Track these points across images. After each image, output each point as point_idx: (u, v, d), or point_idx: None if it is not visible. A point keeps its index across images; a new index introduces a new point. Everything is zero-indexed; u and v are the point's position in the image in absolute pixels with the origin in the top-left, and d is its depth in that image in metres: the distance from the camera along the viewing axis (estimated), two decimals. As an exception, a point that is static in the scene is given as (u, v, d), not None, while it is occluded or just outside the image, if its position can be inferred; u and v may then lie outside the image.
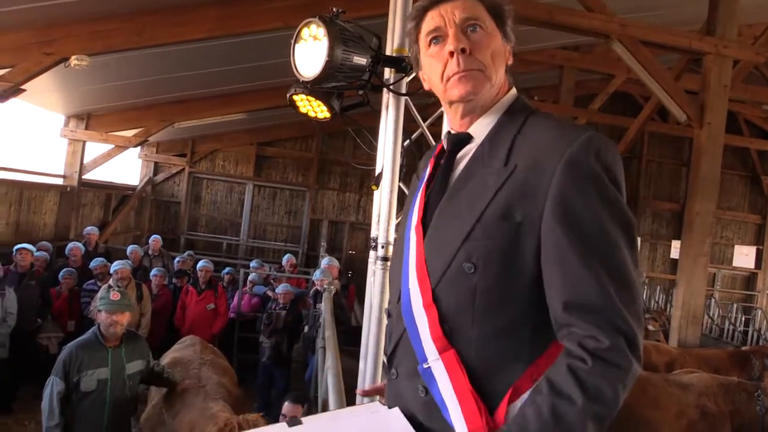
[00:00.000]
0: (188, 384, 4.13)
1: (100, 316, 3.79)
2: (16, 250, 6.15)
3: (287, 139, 14.11)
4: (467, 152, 1.26)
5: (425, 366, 1.18)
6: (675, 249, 11.89)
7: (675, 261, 9.14)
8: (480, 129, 1.25)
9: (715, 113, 6.67)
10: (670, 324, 7.03)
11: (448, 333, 1.16)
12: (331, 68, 2.01)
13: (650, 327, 7.21)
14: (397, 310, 1.28)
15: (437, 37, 1.23)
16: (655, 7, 8.92)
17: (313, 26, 2.06)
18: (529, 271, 1.10)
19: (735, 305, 11.82)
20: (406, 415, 1.23)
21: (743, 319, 11.69)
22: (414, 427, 1.19)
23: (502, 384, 1.11)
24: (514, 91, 1.28)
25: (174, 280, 7.73)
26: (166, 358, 4.79)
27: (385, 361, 1.51)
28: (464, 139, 1.27)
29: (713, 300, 12.32)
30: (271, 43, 6.64)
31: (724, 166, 14.84)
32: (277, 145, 14.14)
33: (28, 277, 6.10)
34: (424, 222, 1.26)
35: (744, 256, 9.37)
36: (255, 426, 3.25)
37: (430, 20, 1.24)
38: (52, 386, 3.59)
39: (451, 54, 1.20)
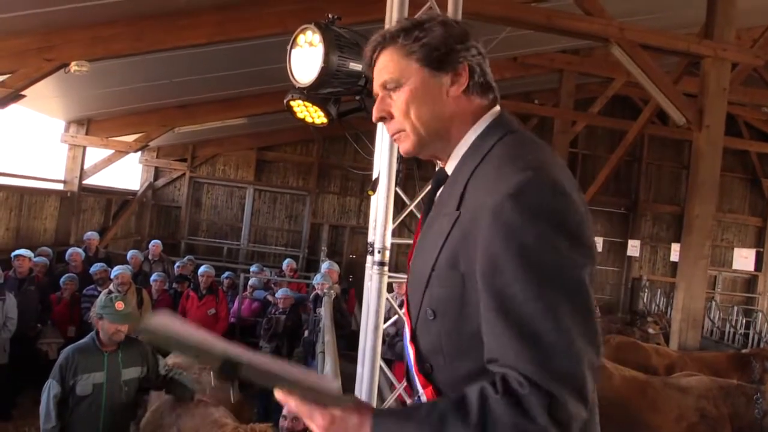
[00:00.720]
0: (203, 398, 4.07)
1: (103, 324, 3.75)
2: (14, 256, 6.16)
3: (288, 144, 14.13)
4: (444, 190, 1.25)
5: (417, 397, 1.21)
6: (675, 252, 11.87)
7: (675, 264, 9.13)
8: (451, 166, 1.22)
9: (714, 116, 6.68)
10: (671, 327, 7.02)
11: (428, 371, 1.16)
12: (326, 74, 2.02)
13: (651, 330, 7.22)
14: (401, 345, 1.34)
15: (376, 97, 1.24)
16: (654, 11, 8.94)
17: (308, 32, 2.07)
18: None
19: (736, 308, 11.81)
20: None
21: (744, 321, 11.67)
22: None
23: None
24: (486, 116, 1.19)
25: (174, 285, 7.73)
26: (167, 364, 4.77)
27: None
28: (443, 177, 1.26)
29: (714, 303, 12.31)
30: (272, 47, 6.66)
31: (724, 169, 14.85)
32: (277, 149, 14.16)
33: (27, 282, 6.11)
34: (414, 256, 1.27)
35: (744, 259, 9.36)
36: None
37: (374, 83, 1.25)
38: (49, 389, 3.59)
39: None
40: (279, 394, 1.01)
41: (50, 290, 6.57)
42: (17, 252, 6.20)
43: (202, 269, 7.25)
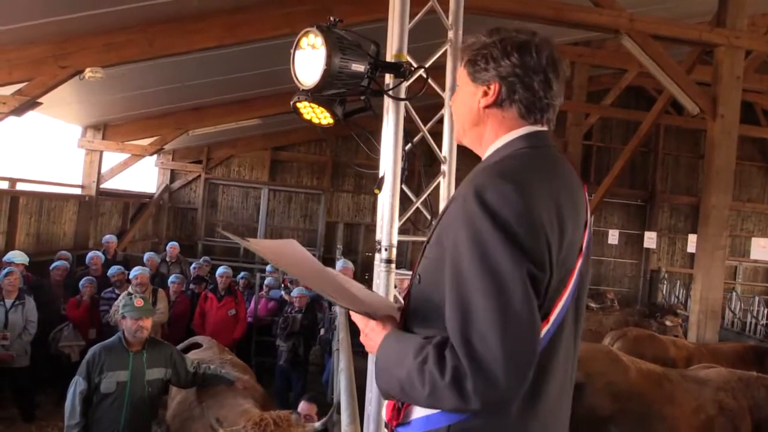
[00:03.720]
0: (243, 382, 4.15)
1: (126, 323, 3.89)
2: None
3: (301, 143, 14.21)
4: None
5: None
6: (692, 243, 11.74)
7: (694, 255, 9.03)
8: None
9: (728, 105, 6.60)
10: (689, 319, 6.96)
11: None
12: (329, 76, 2.05)
13: (668, 323, 7.15)
14: None
15: None
16: (664, 0, 8.84)
17: (311, 35, 2.10)
18: None
19: (757, 298, 11.65)
20: None
21: (766, 312, 11.51)
22: None
23: None
24: (520, 129, 1.33)
25: (192, 287, 7.82)
26: None
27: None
28: None
29: (734, 293, 12.16)
30: (281, 49, 6.69)
31: (742, 158, 14.68)
32: (291, 149, 14.25)
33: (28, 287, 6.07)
34: None
35: (762, 249, 9.20)
36: (288, 423, 3.29)
37: None
38: (76, 386, 3.72)
39: None
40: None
41: (70, 293, 6.69)
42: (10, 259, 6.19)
43: (220, 270, 7.31)
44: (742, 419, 4.67)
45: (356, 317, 1.40)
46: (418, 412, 1.27)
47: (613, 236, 14.58)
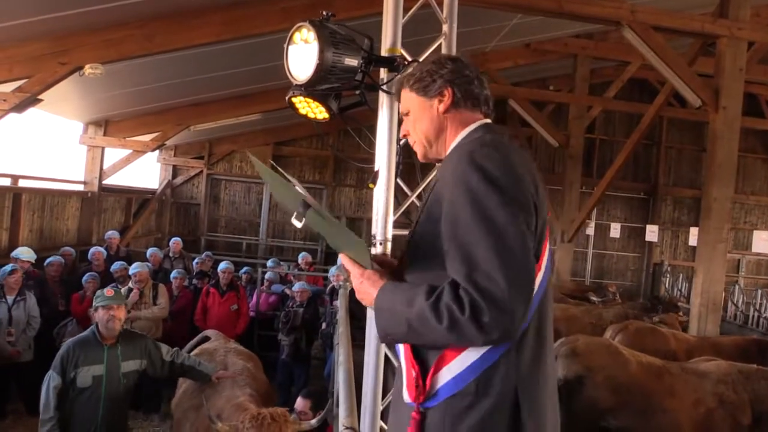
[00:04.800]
0: (222, 374, 4.17)
1: (98, 314, 3.90)
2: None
3: (303, 138, 14.21)
4: None
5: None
6: (693, 236, 11.72)
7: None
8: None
9: (730, 97, 6.57)
10: (690, 312, 6.95)
11: None
12: (322, 70, 2.05)
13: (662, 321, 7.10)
14: None
15: None
16: (667, -9, 8.78)
17: (304, 30, 2.10)
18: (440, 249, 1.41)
19: (760, 291, 11.61)
20: None
21: (769, 305, 11.46)
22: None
23: (431, 354, 1.41)
24: (474, 124, 1.57)
25: (194, 282, 7.85)
26: (193, 352, 4.86)
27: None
28: None
29: (737, 287, 12.12)
30: (282, 43, 6.68)
31: (745, 150, 14.62)
32: (293, 144, 14.25)
33: (25, 279, 6.10)
34: None
35: (763, 242, 9.17)
36: (284, 418, 3.30)
37: None
38: (49, 381, 3.73)
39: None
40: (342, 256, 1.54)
41: (73, 289, 6.72)
42: (18, 256, 6.25)
43: (222, 266, 7.32)
44: (743, 412, 4.67)
45: (352, 266, 1.51)
46: (444, 378, 1.38)
47: (615, 229, 14.54)
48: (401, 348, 1.49)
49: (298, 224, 1.46)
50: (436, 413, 1.39)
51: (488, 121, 1.60)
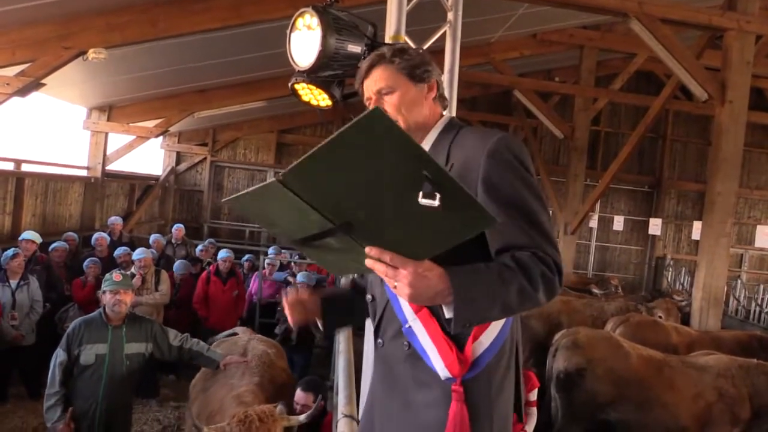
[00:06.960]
0: (229, 360, 4.20)
1: (105, 297, 4.02)
2: (21, 239, 6.28)
3: (307, 126, 14.16)
4: None
5: (407, 326, 1.52)
6: (696, 230, 11.68)
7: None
8: (425, 145, 1.63)
9: (737, 91, 6.51)
10: (691, 306, 6.94)
11: None
12: (324, 57, 2.03)
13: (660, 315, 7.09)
14: (380, 290, 1.64)
15: (369, 101, 1.66)
16: (675, -17, 8.69)
17: (307, 16, 2.08)
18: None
19: (762, 286, 11.59)
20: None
21: (771, 300, 11.45)
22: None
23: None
24: (446, 115, 1.71)
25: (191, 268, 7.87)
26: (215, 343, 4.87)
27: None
28: None
29: (740, 281, 12.10)
30: (286, 30, 6.66)
31: (751, 144, 14.53)
32: (297, 131, 14.21)
33: (32, 263, 6.18)
34: None
35: (767, 237, 9.12)
36: (272, 418, 3.29)
37: (364, 90, 1.69)
38: (56, 357, 3.86)
39: None
40: (373, 251, 1.24)
41: (74, 274, 6.74)
42: (23, 236, 6.32)
43: (222, 255, 7.33)
44: (742, 406, 4.68)
45: (401, 261, 1.24)
46: (484, 344, 1.48)
47: (619, 222, 14.50)
48: (422, 330, 1.49)
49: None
50: (478, 380, 1.48)
51: (450, 115, 1.73)
